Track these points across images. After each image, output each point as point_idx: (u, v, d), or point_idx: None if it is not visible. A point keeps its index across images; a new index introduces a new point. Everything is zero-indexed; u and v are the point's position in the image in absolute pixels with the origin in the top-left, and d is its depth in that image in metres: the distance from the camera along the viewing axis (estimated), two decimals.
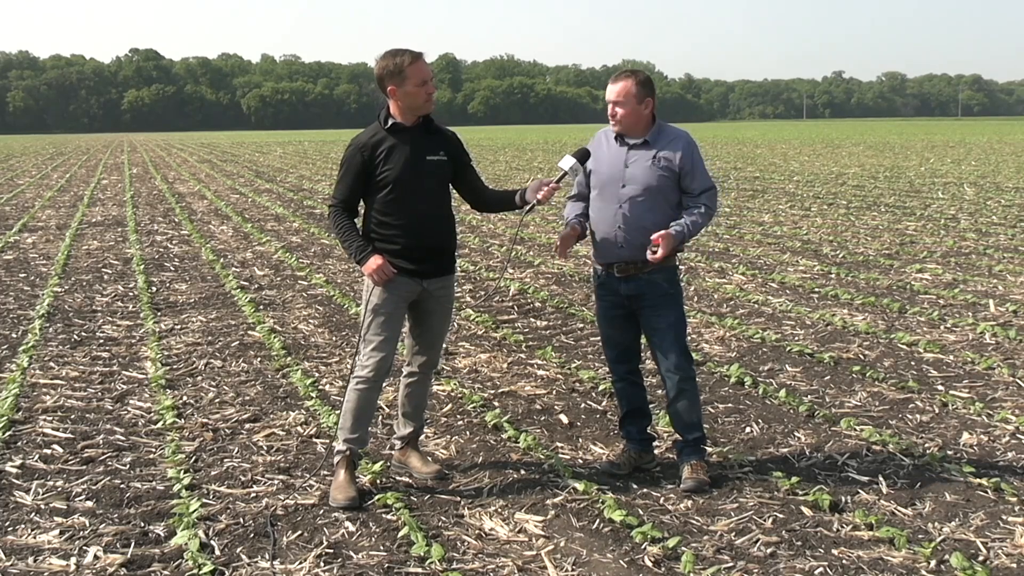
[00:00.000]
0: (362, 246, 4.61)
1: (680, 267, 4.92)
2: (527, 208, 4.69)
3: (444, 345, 5.54)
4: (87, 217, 18.01)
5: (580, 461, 5.12)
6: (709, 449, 5.06)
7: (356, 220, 4.74)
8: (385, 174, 4.56)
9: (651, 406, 5.13)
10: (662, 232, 4.57)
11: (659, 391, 5.34)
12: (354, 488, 4.60)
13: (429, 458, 5.04)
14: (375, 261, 4.55)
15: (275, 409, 6.10)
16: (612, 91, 4.68)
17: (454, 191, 4.87)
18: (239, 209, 19.17)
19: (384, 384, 4.79)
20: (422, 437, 5.26)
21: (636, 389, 4.97)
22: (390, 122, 4.60)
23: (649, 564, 3.93)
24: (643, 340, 4.93)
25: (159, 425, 5.76)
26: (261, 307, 9.24)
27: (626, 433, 5.01)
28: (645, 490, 4.71)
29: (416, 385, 4.91)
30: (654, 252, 4.57)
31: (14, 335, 8.20)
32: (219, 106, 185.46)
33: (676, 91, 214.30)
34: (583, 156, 4.75)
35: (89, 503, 4.64)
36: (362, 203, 4.73)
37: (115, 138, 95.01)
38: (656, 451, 5.10)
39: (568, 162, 4.70)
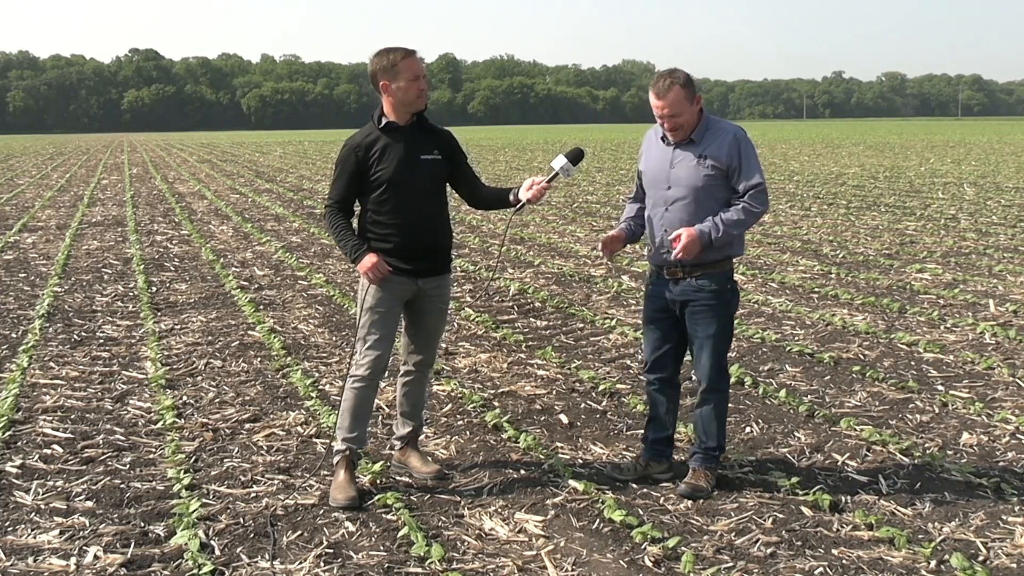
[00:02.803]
0: (357, 245, 4.62)
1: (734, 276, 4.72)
2: (517, 207, 4.69)
3: (442, 344, 5.55)
4: (87, 217, 18.00)
5: (580, 461, 5.12)
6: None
7: (353, 220, 4.74)
8: (379, 174, 4.56)
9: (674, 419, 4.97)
10: (681, 230, 4.44)
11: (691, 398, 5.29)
12: (354, 488, 4.60)
13: (429, 458, 5.04)
14: (369, 259, 4.56)
15: (275, 409, 6.10)
16: (662, 104, 4.42)
17: (451, 189, 4.87)
18: (239, 209, 19.17)
19: (381, 383, 4.79)
20: (422, 437, 5.27)
21: (662, 399, 4.82)
22: (384, 122, 4.60)
23: (649, 564, 3.93)
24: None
25: (159, 425, 5.76)
26: (261, 307, 9.24)
27: (643, 436, 4.95)
28: (645, 490, 4.71)
29: (413, 384, 4.92)
30: (674, 251, 4.43)
31: (14, 335, 8.20)
32: (219, 106, 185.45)
33: None
34: (576, 156, 4.69)
35: (89, 503, 4.64)
36: (358, 203, 4.74)
37: (115, 138, 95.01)
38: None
39: (560, 162, 4.67)
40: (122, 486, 4.84)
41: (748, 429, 5.56)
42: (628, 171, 28.92)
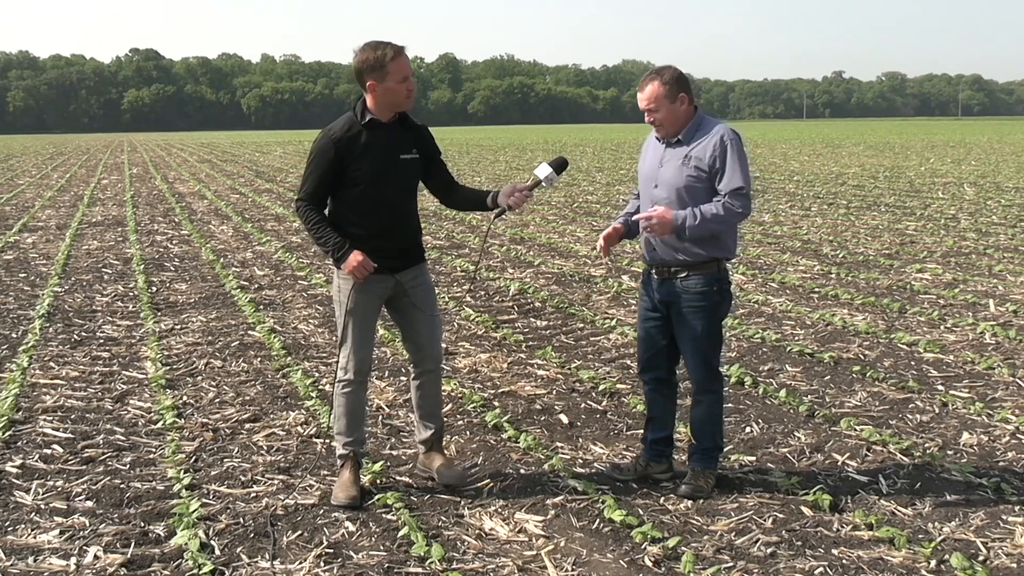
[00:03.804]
0: (339, 243, 4.48)
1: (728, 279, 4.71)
2: (497, 213, 4.64)
3: (442, 344, 5.50)
4: (87, 217, 18.00)
5: (580, 461, 5.12)
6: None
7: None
8: (358, 172, 4.45)
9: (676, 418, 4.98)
10: (657, 207, 4.42)
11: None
12: (356, 488, 4.59)
13: (455, 461, 5.00)
14: (355, 258, 4.45)
15: (275, 409, 6.09)
16: (642, 98, 4.49)
17: (424, 188, 4.78)
18: (239, 209, 19.16)
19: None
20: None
21: (659, 398, 4.82)
22: (367, 117, 4.49)
23: (649, 564, 3.93)
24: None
25: (159, 425, 5.77)
26: (261, 307, 9.24)
27: (643, 436, 4.94)
28: (645, 490, 4.71)
29: (425, 386, 4.83)
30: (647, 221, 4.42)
31: (14, 335, 8.20)
32: (219, 106, 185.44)
33: None
34: (560, 165, 4.66)
35: (89, 503, 4.64)
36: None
37: (115, 138, 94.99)
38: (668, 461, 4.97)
39: (544, 170, 4.61)
40: (122, 486, 4.84)
41: (748, 429, 5.56)
42: (628, 171, 28.90)
